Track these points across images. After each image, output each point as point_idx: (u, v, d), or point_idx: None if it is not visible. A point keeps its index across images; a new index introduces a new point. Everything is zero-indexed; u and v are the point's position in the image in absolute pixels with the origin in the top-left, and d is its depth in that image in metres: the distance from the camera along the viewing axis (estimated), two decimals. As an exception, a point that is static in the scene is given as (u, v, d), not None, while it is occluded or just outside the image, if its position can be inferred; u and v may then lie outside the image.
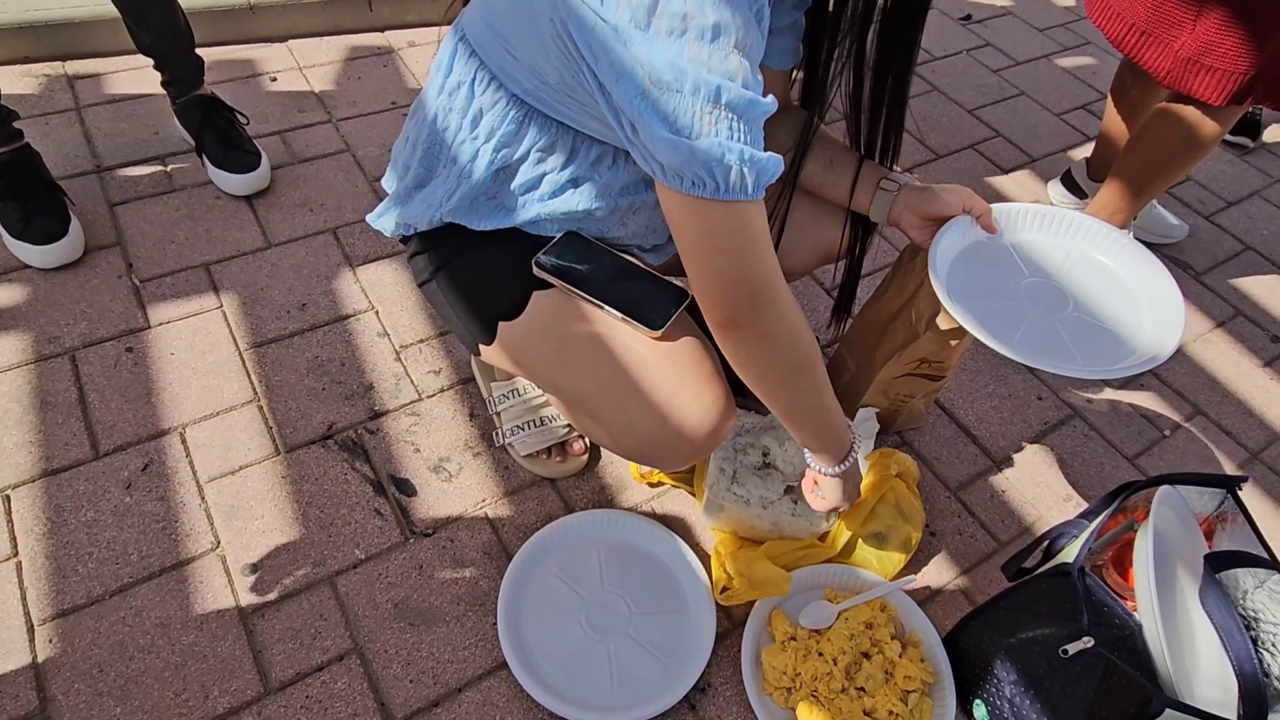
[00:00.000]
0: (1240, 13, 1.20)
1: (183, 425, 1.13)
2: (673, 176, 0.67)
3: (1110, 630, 0.83)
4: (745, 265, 0.71)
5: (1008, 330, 0.91)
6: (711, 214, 0.68)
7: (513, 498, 1.12)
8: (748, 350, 0.77)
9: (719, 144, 0.64)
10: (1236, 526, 0.93)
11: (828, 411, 0.86)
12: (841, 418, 0.90)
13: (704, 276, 0.72)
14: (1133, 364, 0.87)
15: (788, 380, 0.81)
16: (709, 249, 0.70)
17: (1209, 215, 1.81)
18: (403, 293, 1.35)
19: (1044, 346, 0.90)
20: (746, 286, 0.72)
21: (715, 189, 0.66)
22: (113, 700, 0.89)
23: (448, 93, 0.83)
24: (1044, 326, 0.93)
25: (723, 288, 0.72)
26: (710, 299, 0.74)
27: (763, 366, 0.79)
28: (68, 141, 1.49)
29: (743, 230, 0.70)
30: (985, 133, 1.92)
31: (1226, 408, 1.41)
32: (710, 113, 0.64)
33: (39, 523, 1.02)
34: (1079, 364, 0.89)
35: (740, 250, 0.71)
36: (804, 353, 0.79)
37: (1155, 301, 0.95)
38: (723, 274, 0.71)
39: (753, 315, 0.73)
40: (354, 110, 1.67)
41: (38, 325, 1.21)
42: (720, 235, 0.70)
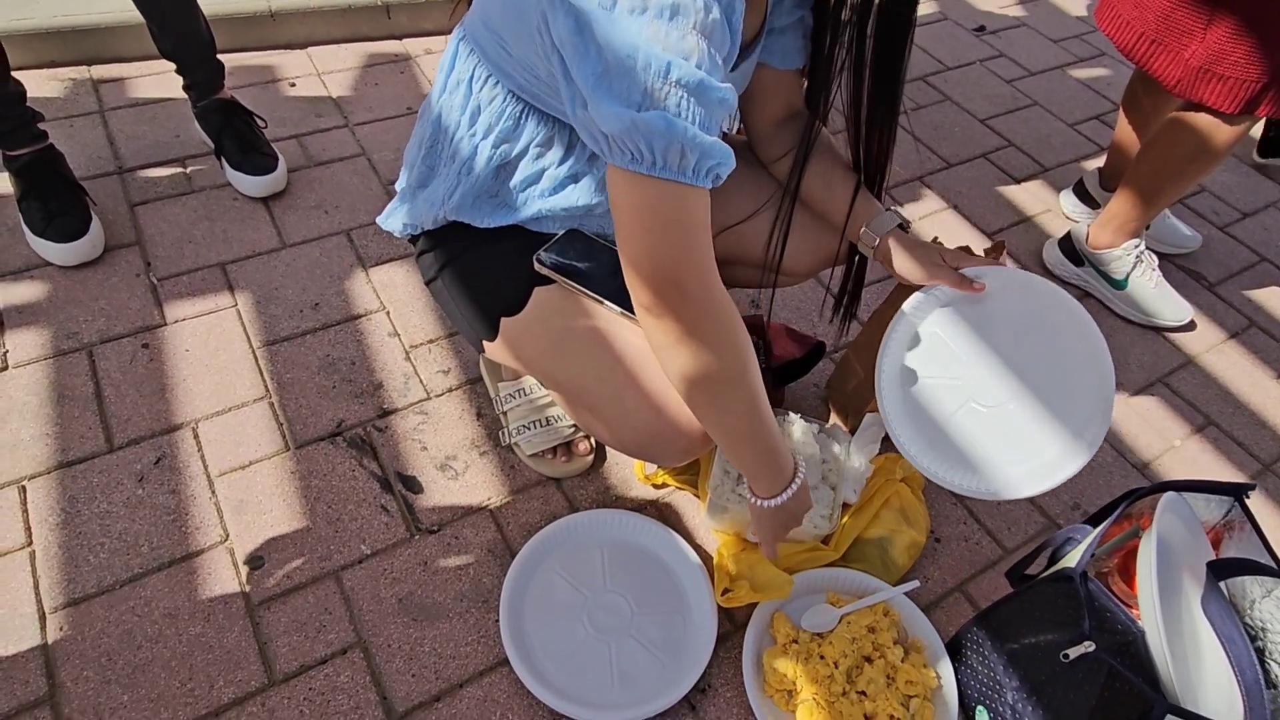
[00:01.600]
0: (1251, 21, 1.20)
1: (195, 420, 1.15)
2: (615, 150, 0.65)
3: (1113, 636, 0.82)
4: (676, 251, 0.68)
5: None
6: (646, 191, 0.66)
7: (518, 496, 1.13)
8: (669, 345, 0.72)
9: (663, 118, 0.62)
10: (1244, 535, 0.92)
11: (761, 438, 0.82)
12: (781, 450, 0.85)
13: (631, 258, 0.69)
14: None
15: (716, 393, 0.76)
16: (640, 229, 0.68)
17: (1223, 226, 1.80)
18: (413, 294, 1.37)
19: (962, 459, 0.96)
20: (673, 274, 0.69)
21: (652, 164, 0.64)
22: (120, 688, 0.91)
23: (449, 91, 0.85)
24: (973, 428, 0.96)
25: (649, 272, 0.69)
26: (634, 281, 0.70)
27: (685, 369, 0.74)
28: (91, 143, 1.52)
29: (677, 214, 0.67)
30: (997, 142, 1.92)
31: (1239, 419, 1.40)
32: (660, 88, 0.62)
33: (53, 513, 1.03)
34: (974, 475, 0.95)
35: (671, 234, 0.67)
36: (734, 365, 0.75)
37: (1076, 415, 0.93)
38: (651, 257, 0.68)
39: (678, 306, 0.70)
40: (370, 115, 1.70)
41: (57, 321, 1.24)
42: (652, 215, 0.67)
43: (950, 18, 2.32)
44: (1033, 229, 1.71)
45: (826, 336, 1.38)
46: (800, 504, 0.90)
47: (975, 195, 1.76)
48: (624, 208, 0.68)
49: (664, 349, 0.74)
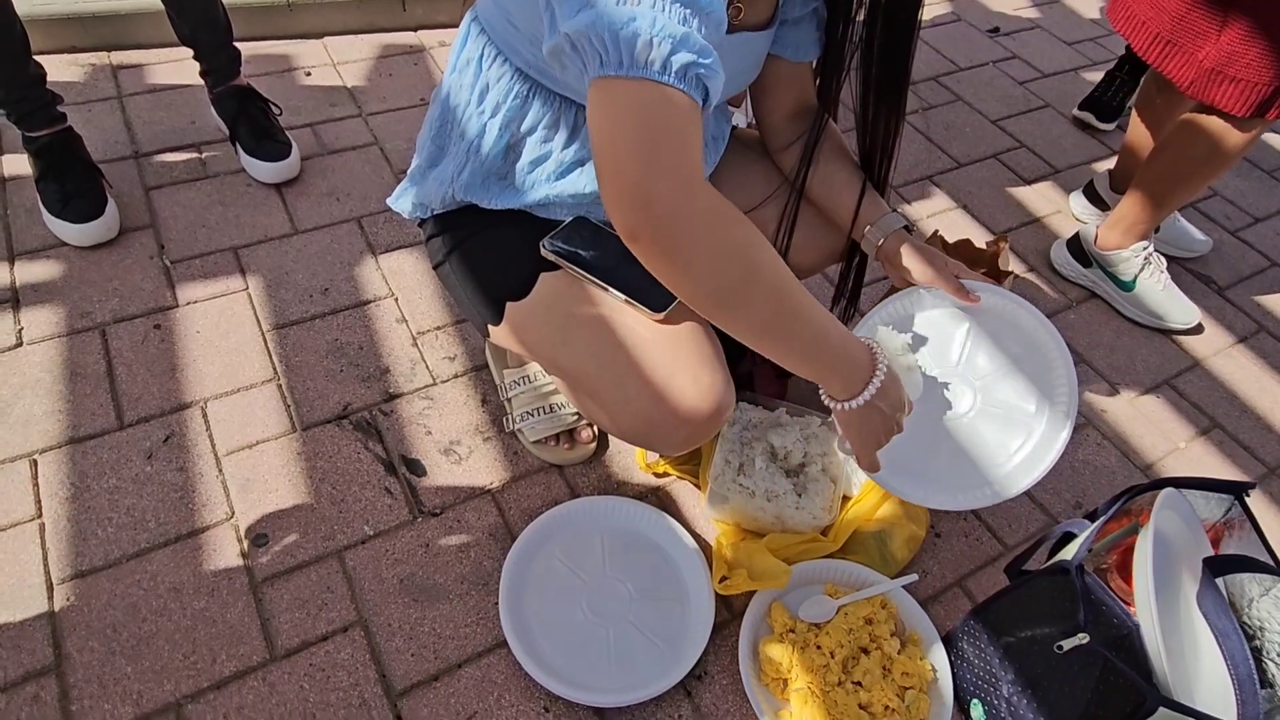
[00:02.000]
0: (1265, 23, 1.19)
1: (204, 400, 1.17)
2: (583, 55, 0.59)
3: (1108, 630, 0.82)
4: (645, 161, 0.58)
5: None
6: (617, 95, 0.58)
7: (520, 482, 1.14)
8: (664, 272, 0.64)
9: (632, 10, 0.57)
10: (1244, 534, 0.92)
11: (804, 332, 0.70)
12: (839, 340, 0.74)
13: (602, 174, 0.60)
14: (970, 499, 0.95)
15: (735, 303, 0.66)
16: (607, 140, 0.59)
17: (1235, 230, 1.79)
18: (422, 281, 1.38)
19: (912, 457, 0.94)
20: (644, 190, 0.59)
21: (619, 63, 0.57)
22: (124, 659, 0.92)
23: (459, 70, 0.86)
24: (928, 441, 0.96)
25: (618, 191, 0.59)
26: (609, 206, 0.61)
27: (690, 291, 0.65)
28: (109, 128, 1.54)
29: (648, 117, 0.58)
30: (1009, 143, 1.92)
31: (1245, 422, 1.39)
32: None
33: (63, 487, 1.05)
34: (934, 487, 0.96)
35: (641, 142, 0.58)
36: (741, 271, 0.65)
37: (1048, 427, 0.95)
38: (620, 173, 0.59)
39: (656, 228, 0.60)
40: (384, 106, 1.71)
41: (72, 300, 1.25)
42: (621, 122, 0.58)
43: (964, 19, 2.32)
44: (1041, 230, 1.71)
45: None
46: (889, 400, 0.78)
47: (984, 195, 1.76)
48: (594, 124, 0.60)
49: (659, 273, 0.65)
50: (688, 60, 0.58)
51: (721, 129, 1.02)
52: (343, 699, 0.92)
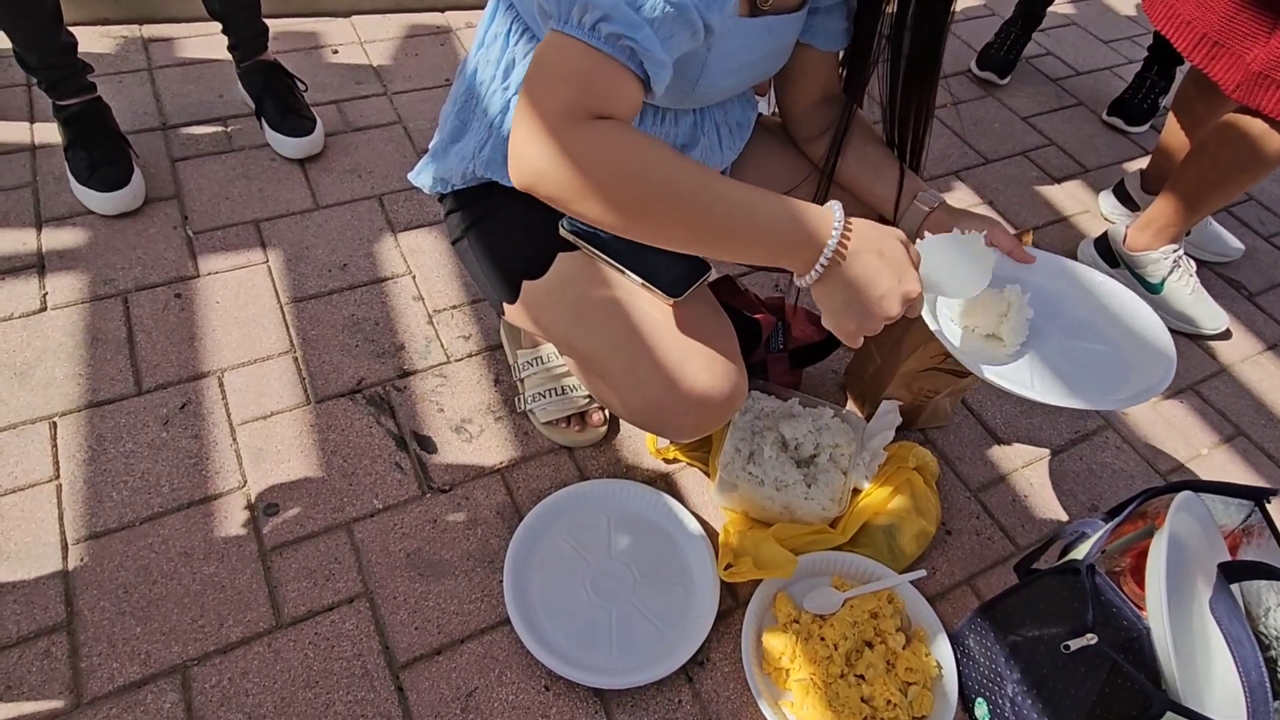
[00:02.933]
0: None
1: (221, 370, 1.18)
2: (546, 15, 0.65)
3: (1117, 632, 0.81)
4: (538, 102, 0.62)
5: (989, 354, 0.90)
6: (546, 45, 0.64)
7: (530, 463, 1.14)
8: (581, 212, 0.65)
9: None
10: (1263, 541, 0.90)
11: (750, 219, 0.66)
12: (777, 208, 0.67)
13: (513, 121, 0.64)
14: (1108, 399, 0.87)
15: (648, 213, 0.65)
16: (525, 91, 0.63)
17: (1269, 236, 1.75)
18: (440, 260, 1.38)
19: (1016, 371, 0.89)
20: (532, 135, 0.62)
21: (559, 19, 0.63)
22: (134, 620, 0.94)
23: (486, 45, 0.86)
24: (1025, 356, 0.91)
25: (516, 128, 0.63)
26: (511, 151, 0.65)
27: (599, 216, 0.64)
28: (138, 99, 1.56)
29: (553, 63, 0.63)
30: (1038, 140, 1.89)
31: (1271, 431, 1.36)
32: None
33: (81, 450, 1.07)
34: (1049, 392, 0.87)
35: (539, 83, 0.63)
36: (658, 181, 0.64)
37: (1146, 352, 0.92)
38: (520, 122, 0.63)
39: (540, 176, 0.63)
40: (409, 85, 1.72)
41: (95, 267, 1.27)
42: (537, 64, 0.63)
43: (998, 14, 2.27)
44: (1069, 229, 1.68)
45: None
46: (864, 259, 0.69)
47: (1011, 192, 1.73)
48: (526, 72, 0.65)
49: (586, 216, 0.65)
50: (614, 30, 0.62)
51: (747, 115, 1.01)
52: (345, 668, 0.93)
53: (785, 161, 1.04)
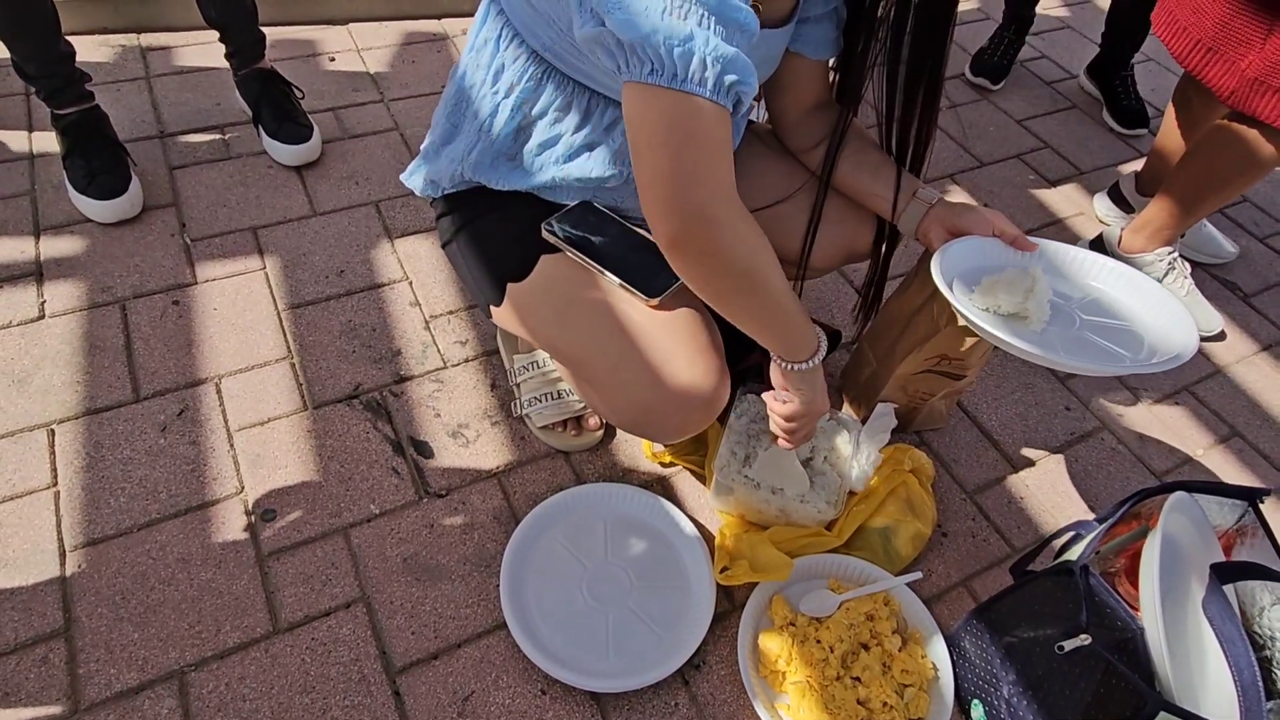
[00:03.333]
0: None
1: (219, 376, 1.18)
2: (633, 61, 0.63)
3: (1111, 632, 0.81)
4: (695, 170, 0.65)
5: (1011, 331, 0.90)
6: (664, 105, 0.63)
7: (526, 467, 1.15)
8: (693, 271, 0.72)
9: (685, 28, 0.61)
10: (1257, 541, 0.91)
11: (789, 316, 0.80)
12: (803, 317, 0.83)
13: (648, 180, 0.67)
14: (1144, 364, 0.86)
15: (742, 299, 0.76)
16: (657, 144, 0.65)
17: (1263, 238, 1.75)
18: (436, 266, 1.39)
19: (1042, 345, 0.88)
20: (693, 197, 0.66)
21: (673, 76, 0.62)
22: (131, 626, 0.94)
23: (476, 50, 0.87)
24: (1050, 333, 0.92)
25: (667, 196, 0.66)
26: (653, 207, 0.68)
27: (713, 290, 0.74)
28: (136, 107, 1.57)
29: (697, 130, 0.64)
30: (1033, 143, 1.89)
31: (1266, 431, 1.36)
32: (680, 5, 0.61)
33: (78, 456, 1.07)
34: (1082, 359, 0.87)
35: (691, 152, 0.64)
36: (759, 273, 0.73)
37: (1167, 324, 0.93)
38: (669, 178, 0.65)
39: (699, 232, 0.67)
40: (406, 92, 1.73)
41: (93, 275, 1.28)
42: (671, 131, 0.64)
43: (992, 17, 2.28)
44: (1064, 231, 1.69)
45: (845, 327, 1.38)
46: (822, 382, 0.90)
47: (1006, 195, 1.74)
48: (640, 124, 0.65)
49: (686, 272, 0.73)
50: (734, 80, 0.63)
51: (737, 125, 1.02)
52: (343, 673, 0.93)
53: (778, 170, 1.05)
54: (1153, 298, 0.96)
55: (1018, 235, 0.95)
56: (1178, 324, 0.91)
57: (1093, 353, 0.90)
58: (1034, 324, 0.91)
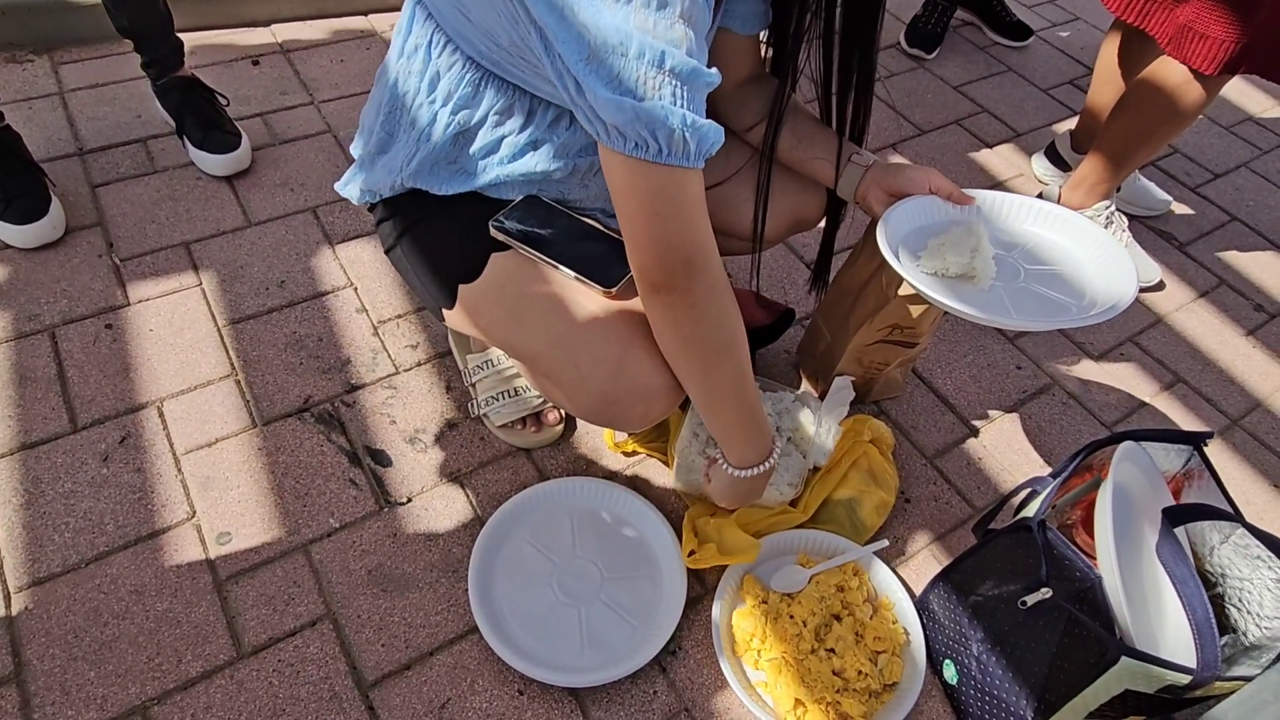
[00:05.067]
0: None
1: (160, 399, 1.14)
2: (616, 137, 0.67)
3: (1071, 584, 0.83)
4: (683, 230, 0.71)
5: (959, 294, 0.92)
6: (653, 177, 0.69)
7: (488, 468, 1.13)
8: (675, 318, 0.77)
9: (662, 107, 0.65)
10: (1204, 484, 0.93)
11: (746, 405, 0.86)
12: (763, 420, 0.89)
13: (641, 241, 0.72)
14: (1087, 316, 0.88)
15: (710, 359, 0.80)
16: (649, 212, 0.70)
17: (1195, 187, 1.80)
18: (381, 270, 1.36)
19: (990, 304, 0.91)
20: (683, 253, 0.72)
21: (658, 151, 0.67)
22: (87, 665, 0.91)
23: (406, 56, 0.84)
24: (997, 289, 0.93)
25: (660, 252, 0.72)
26: (645, 262, 0.73)
27: (688, 339, 0.78)
28: (50, 125, 1.50)
29: (683, 195, 0.70)
30: (971, 108, 1.92)
31: (1208, 375, 1.41)
32: (654, 77, 0.64)
33: (16, 494, 1.03)
34: (1030, 318, 0.89)
35: (679, 215, 0.71)
36: (729, 334, 0.79)
37: (1106, 268, 0.95)
38: (660, 239, 0.71)
39: (686, 282, 0.73)
40: (336, 92, 1.68)
41: (18, 303, 1.22)
42: (660, 199, 0.70)
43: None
44: (1005, 193, 1.71)
45: (797, 304, 1.38)
46: (766, 479, 0.94)
47: (948, 161, 1.76)
48: (629, 194, 0.70)
49: (665, 322, 0.78)
50: (709, 146, 0.69)
51: None
52: (313, 693, 0.91)
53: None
54: (1086, 236, 0.99)
55: (954, 190, 0.97)
56: (1114, 260, 0.94)
57: (1040, 307, 0.92)
58: (981, 281, 0.93)
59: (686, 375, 0.83)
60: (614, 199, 0.72)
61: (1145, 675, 0.75)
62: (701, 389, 0.83)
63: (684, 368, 0.82)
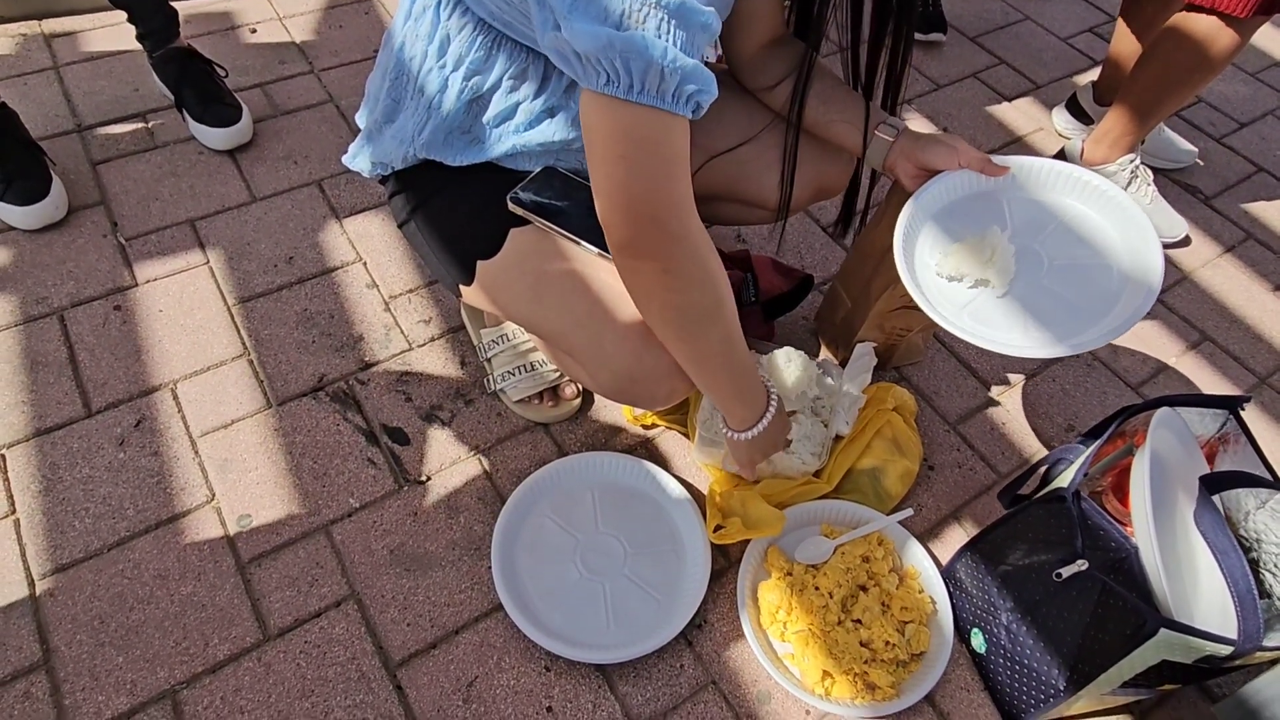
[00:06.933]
0: None
1: (173, 381, 1.13)
2: (590, 70, 0.61)
3: (1106, 554, 0.82)
4: (653, 183, 0.64)
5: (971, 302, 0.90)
6: (622, 116, 0.62)
7: (506, 444, 1.12)
8: (647, 286, 0.71)
9: (643, 37, 0.59)
10: (1239, 448, 0.91)
11: (736, 371, 0.81)
12: (756, 380, 0.85)
13: (605, 190, 0.66)
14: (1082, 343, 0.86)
15: (691, 329, 0.75)
16: (614, 156, 0.64)
17: (1220, 138, 1.75)
18: (390, 243, 1.33)
19: (996, 319, 0.89)
20: (650, 209, 0.65)
21: (630, 87, 0.61)
22: (114, 650, 0.91)
23: (414, 18, 0.80)
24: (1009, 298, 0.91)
25: (625, 205, 0.65)
26: (610, 216, 0.67)
27: (664, 306, 0.73)
28: (47, 101, 1.46)
29: (656, 142, 0.63)
30: (988, 60, 1.86)
31: (1235, 333, 1.38)
32: (639, 9, 0.59)
33: (35, 480, 1.02)
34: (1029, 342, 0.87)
35: (649, 165, 0.64)
36: (712, 301, 0.73)
37: (1135, 244, 0.91)
38: (626, 189, 0.64)
39: (656, 244, 0.67)
40: (336, 60, 1.63)
41: (25, 287, 1.20)
42: (627, 142, 0.63)
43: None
44: (1025, 149, 1.67)
45: (816, 269, 1.36)
46: (778, 431, 0.91)
47: (965, 116, 1.71)
48: (597, 135, 0.64)
49: (637, 289, 0.72)
50: (693, 90, 0.62)
51: None
52: (340, 673, 0.91)
53: (739, 111, 1.00)
54: (1123, 215, 0.94)
55: (985, 161, 0.93)
56: (1146, 249, 0.90)
57: (1050, 318, 0.88)
58: (997, 289, 0.91)
59: (668, 342, 0.78)
60: (585, 144, 0.66)
61: (1184, 646, 0.74)
62: (685, 358, 0.79)
63: (664, 335, 0.77)
